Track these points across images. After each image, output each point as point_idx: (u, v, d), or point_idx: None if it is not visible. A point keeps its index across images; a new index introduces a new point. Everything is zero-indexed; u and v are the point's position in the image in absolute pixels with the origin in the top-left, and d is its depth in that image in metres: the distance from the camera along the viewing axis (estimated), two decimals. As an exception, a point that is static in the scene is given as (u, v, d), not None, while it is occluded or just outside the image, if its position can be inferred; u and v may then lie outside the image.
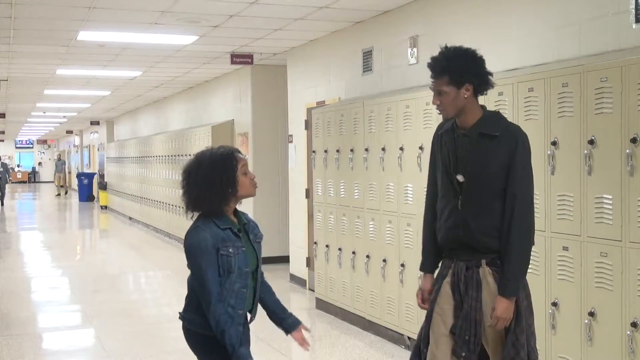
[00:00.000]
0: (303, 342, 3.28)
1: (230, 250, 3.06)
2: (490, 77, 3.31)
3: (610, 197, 4.06)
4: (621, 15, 4.44)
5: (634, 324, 3.91)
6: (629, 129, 3.93)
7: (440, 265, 3.43)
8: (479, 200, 3.22)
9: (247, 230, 3.20)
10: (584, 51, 4.70)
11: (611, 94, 4.04)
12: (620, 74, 3.98)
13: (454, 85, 3.22)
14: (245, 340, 3.17)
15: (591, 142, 4.17)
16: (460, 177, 3.26)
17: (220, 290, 3.04)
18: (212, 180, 3.06)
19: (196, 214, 3.16)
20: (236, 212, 3.21)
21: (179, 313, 3.22)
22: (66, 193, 32.86)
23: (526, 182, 3.21)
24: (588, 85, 4.19)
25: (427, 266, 3.50)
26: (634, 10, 4.34)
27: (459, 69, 3.22)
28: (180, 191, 3.16)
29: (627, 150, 3.93)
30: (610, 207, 4.06)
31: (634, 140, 3.89)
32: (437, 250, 3.43)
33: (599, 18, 4.61)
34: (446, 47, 3.29)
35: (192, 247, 3.05)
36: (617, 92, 4.00)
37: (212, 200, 3.08)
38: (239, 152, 3.19)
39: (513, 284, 3.17)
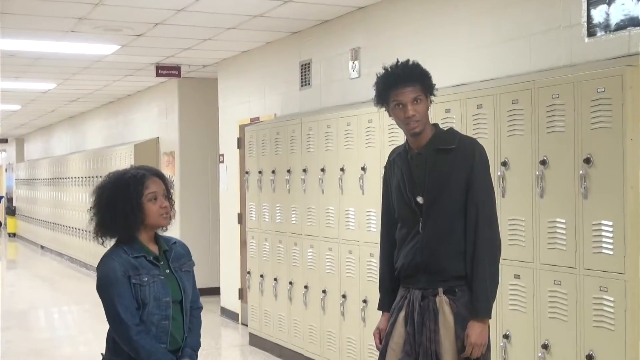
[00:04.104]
0: None
1: (144, 278, 3.03)
2: None
3: (564, 221, 4.14)
4: (573, 29, 4.56)
5: (589, 357, 3.97)
6: (582, 149, 4.03)
7: (397, 296, 3.43)
8: (441, 220, 3.25)
9: (167, 258, 3.15)
10: (536, 66, 4.81)
11: (563, 112, 4.13)
12: (573, 91, 4.08)
13: (425, 95, 3.27)
14: None
15: (543, 162, 4.25)
16: (419, 199, 3.28)
17: (139, 323, 3.00)
18: (115, 206, 3.04)
19: (108, 241, 3.14)
20: (157, 238, 3.18)
21: (102, 354, 3.15)
22: None
23: (487, 193, 3.26)
24: (539, 102, 4.29)
25: (385, 305, 3.50)
26: (585, 24, 4.46)
27: (429, 79, 3.31)
28: (89, 215, 3.16)
29: (581, 172, 4.02)
30: (564, 232, 4.14)
31: (587, 161, 3.98)
32: (395, 286, 3.44)
33: (550, 31, 4.73)
34: (399, 61, 3.31)
35: (101, 279, 3.05)
36: (569, 110, 4.10)
37: (116, 227, 3.07)
38: (158, 174, 3.16)
39: (485, 304, 3.20)
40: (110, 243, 3.16)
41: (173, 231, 11.54)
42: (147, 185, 3.09)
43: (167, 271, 3.12)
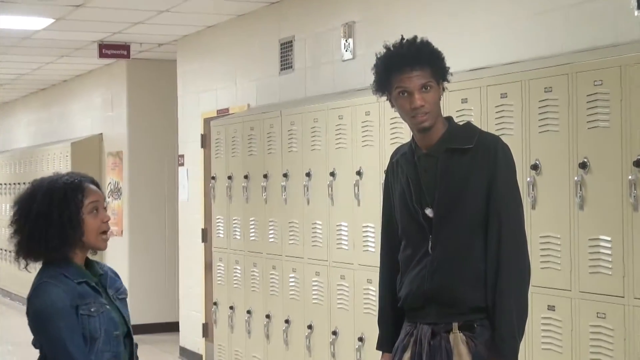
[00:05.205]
0: None
1: (92, 308, 3.04)
2: None
3: (609, 238, 4.15)
4: (619, 0, 4.58)
5: (641, 408, 3.99)
6: (631, 149, 4.04)
7: (401, 333, 3.43)
8: (456, 238, 3.25)
9: (104, 284, 3.18)
10: (572, 46, 4.82)
11: (608, 102, 4.15)
12: (619, 76, 4.09)
13: (435, 81, 3.28)
14: None
15: (583, 165, 4.26)
16: (429, 211, 3.29)
17: None
18: (48, 218, 3.05)
19: (32, 264, 3.13)
20: (88, 262, 3.20)
21: None
22: None
23: (513, 203, 3.27)
24: (578, 90, 4.30)
25: (386, 343, 3.50)
26: (635, -7, 4.49)
27: (442, 60, 3.30)
28: (9, 230, 3.15)
29: (630, 177, 4.04)
30: (609, 252, 4.15)
31: (637, 164, 3.99)
32: (398, 320, 3.44)
33: (590, 3, 4.75)
34: (404, 38, 3.32)
35: (45, 310, 3.00)
36: (615, 100, 4.11)
37: (47, 246, 3.06)
38: (94, 182, 3.20)
39: (510, 342, 3.19)
40: (34, 266, 3.15)
41: (120, 252, 11.51)
42: (86, 194, 3.10)
43: (107, 300, 3.15)
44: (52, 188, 3.10)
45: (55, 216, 3.05)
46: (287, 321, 6.72)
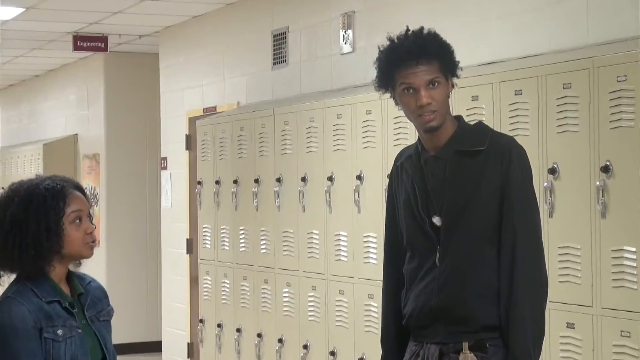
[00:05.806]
0: None
1: (59, 332, 3.02)
2: None
3: (634, 249, 4.16)
4: (645, -13, 4.60)
5: None
6: (658, 151, 4.06)
7: (406, 353, 3.44)
8: (466, 249, 3.25)
9: (82, 304, 3.16)
10: (595, 38, 4.82)
11: (632, 100, 4.15)
12: (645, 71, 4.12)
13: (444, 77, 3.28)
14: None
15: (606, 169, 4.27)
16: (436, 220, 3.29)
17: None
18: (24, 227, 3.02)
19: (7, 277, 3.11)
20: (70, 276, 3.18)
21: None
22: None
23: (528, 211, 3.26)
24: (600, 86, 4.30)
25: None
26: (662, -19, 4.50)
27: (451, 54, 3.30)
28: None
29: (657, 182, 4.06)
30: (634, 264, 4.15)
31: (665, 167, 4.01)
32: (402, 339, 3.45)
33: (613, -10, 4.78)
34: (410, 29, 3.33)
35: (3, 329, 2.99)
36: (640, 97, 4.13)
37: (23, 259, 3.04)
38: (78, 188, 3.17)
39: None
40: (8, 279, 3.14)
41: (96, 265, 11.47)
42: (68, 202, 3.08)
43: (83, 322, 3.13)
44: (30, 193, 3.06)
45: (32, 225, 3.02)
46: (280, 340, 6.72)
